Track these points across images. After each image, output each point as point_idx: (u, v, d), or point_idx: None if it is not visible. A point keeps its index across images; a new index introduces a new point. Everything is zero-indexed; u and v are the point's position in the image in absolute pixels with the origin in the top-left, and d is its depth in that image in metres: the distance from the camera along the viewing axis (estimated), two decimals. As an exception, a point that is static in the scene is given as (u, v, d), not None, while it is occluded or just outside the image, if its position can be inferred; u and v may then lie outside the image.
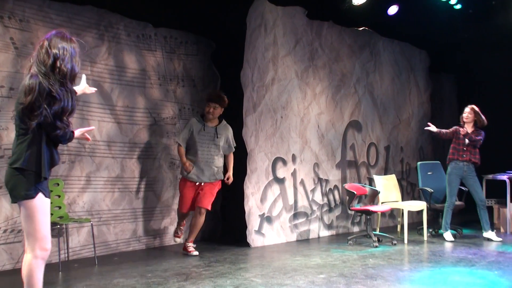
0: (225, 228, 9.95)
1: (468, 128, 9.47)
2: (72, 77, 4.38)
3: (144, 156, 8.85)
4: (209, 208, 8.32)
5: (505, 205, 10.57)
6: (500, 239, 9.48)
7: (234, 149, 8.53)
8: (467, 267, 7.17)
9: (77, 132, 4.78)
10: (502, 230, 10.57)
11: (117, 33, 8.56)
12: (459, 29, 12.28)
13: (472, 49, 13.24)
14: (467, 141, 9.39)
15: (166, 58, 9.21)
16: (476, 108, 9.50)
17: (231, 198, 9.55)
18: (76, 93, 4.67)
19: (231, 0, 9.24)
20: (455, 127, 9.60)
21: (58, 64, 4.26)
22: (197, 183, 8.28)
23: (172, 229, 9.12)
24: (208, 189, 8.31)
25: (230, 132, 8.47)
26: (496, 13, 11.55)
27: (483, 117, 9.44)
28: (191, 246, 8.33)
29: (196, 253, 8.24)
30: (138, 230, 8.76)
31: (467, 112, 9.49)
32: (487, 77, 14.02)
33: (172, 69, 9.28)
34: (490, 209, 11.39)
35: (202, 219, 8.31)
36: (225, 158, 8.52)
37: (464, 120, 9.50)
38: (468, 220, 11.35)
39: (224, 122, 8.45)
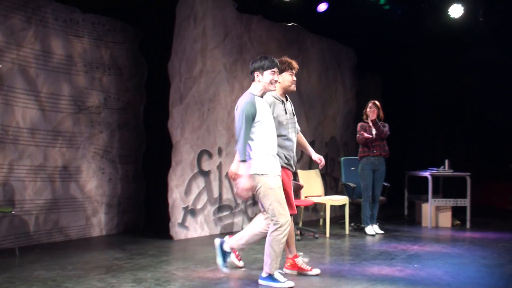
0: (148, 220, 9.87)
1: (372, 122, 9.71)
2: None
3: (68, 145, 8.67)
4: None
5: (426, 201, 10.86)
6: (383, 232, 9.85)
7: None
8: (387, 260, 7.32)
9: None
10: (423, 224, 10.86)
11: (44, 17, 8.35)
12: (387, 29, 12.51)
13: (399, 49, 13.52)
14: (374, 131, 9.61)
15: (93, 45, 9.04)
16: (378, 103, 9.76)
17: (155, 190, 9.48)
18: None
19: (160, -11, 9.16)
20: (360, 124, 9.82)
21: None
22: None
23: (95, 220, 8.97)
24: None
25: None
26: (424, 16, 11.81)
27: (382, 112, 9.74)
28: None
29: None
30: (60, 221, 8.58)
31: (373, 106, 9.72)
32: (412, 77, 14.36)
33: (99, 56, 9.12)
34: (412, 205, 11.72)
35: None
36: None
37: (369, 114, 9.70)
38: (389, 215, 11.60)
39: None
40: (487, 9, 11.10)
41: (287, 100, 6.71)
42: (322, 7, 11.11)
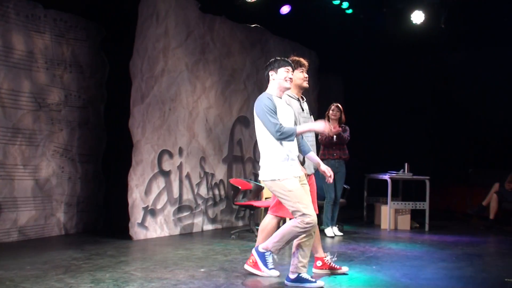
0: (108, 220, 9.77)
1: (333, 125, 9.76)
2: None
3: (28, 142, 8.53)
4: None
5: (386, 203, 10.96)
6: (342, 234, 9.94)
7: None
8: (345, 262, 7.33)
9: None
10: (382, 227, 10.95)
11: (6, 12, 8.19)
12: (349, 33, 12.61)
13: (361, 52, 13.63)
14: (335, 137, 9.69)
15: (55, 41, 8.91)
16: (341, 106, 9.84)
17: (115, 190, 9.40)
18: None
19: (123, -13, 9.09)
20: None
21: None
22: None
23: (54, 219, 8.85)
24: None
25: None
26: (386, 20, 11.93)
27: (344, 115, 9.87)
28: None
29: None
30: (19, 220, 8.43)
31: (335, 109, 9.78)
32: (373, 81, 14.48)
33: (60, 53, 9.00)
34: (371, 207, 11.82)
35: None
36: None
37: (332, 117, 9.76)
38: (349, 217, 11.68)
39: None
40: (448, 16, 11.25)
41: (303, 99, 6.69)
42: (285, 9, 11.16)
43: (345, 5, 11.33)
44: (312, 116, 6.81)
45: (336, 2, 11.15)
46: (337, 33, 12.37)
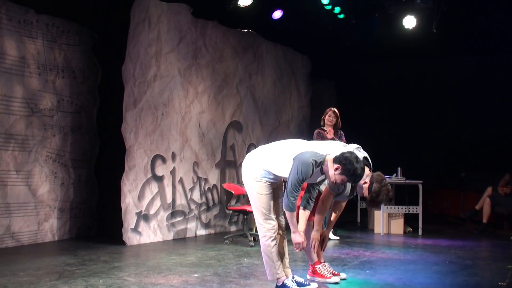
0: (101, 225, 9.73)
1: (329, 129, 9.77)
2: None
3: (20, 148, 8.49)
4: None
5: (379, 207, 10.94)
6: (338, 237, 9.99)
7: None
8: (339, 267, 7.34)
9: None
10: (376, 231, 10.95)
11: (-2, 17, 8.20)
12: (341, 38, 12.63)
13: (353, 57, 13.67)
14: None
15: (47, 46, 8.89)
16: (337, 111, 9.84)
17: (108, 195, 9.37)
18: None
19: (115, -8, 9.08)
20: (316, 131, 9.85)
21: None
22: None
23: (47, 225, 8.82)
24: None
25: None
26: (379, 26, 11.96)
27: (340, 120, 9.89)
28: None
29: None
30: (12, 226, 8.38)
31: (332, 115, 9.78)
32: (366, 85, 14.53)
33: (53, 58, 8.97)
34: (365, 212, 11.82)
35: None
36: None
37: (328, 122, 9.77)
38: (342, 221, 11.66)
39: None
40: (440, 21, 11.28)
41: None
42: (277, 14, 11.17)
43: (337, 10, 11.34)
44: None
45: (328, 7, 11.17)
46: (329, 38, 12.39)
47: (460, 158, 13.82)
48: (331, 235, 9.87)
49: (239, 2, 10.22)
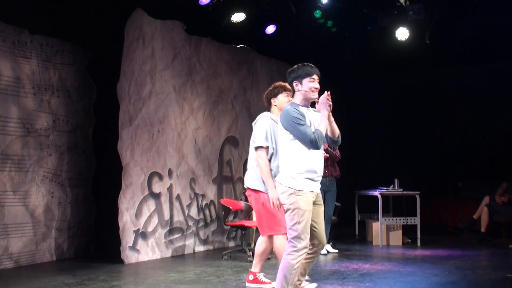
0: (99, 244, 9.70)
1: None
2: None
3: (17, 168, 8.48)
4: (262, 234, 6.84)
5: (377, 220, 10.96)
6: (337, 250, 9.94)
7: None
8: (339, 280, 7.33)
9: None
10: (374, 243, 10.94)
11: (-8, 38, 8.20)
12: (335, 51, 12.66)
13: (347, 70, 13.71)
14: (325, 154, 9.68)
15: (42, 66, 8.89)
16: None
17: (105, 214, 9.34)
18: None
19: (109, 11, 9.09)
20: None
21: None
22: None
23: (45, 245, 8.78)
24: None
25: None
26: (371, 38, 12.00)
27: None
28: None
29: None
30: (9, 247, 8.34)
31: None
32: (360, 98, 14.54)
33: (47, 78, 8.98)
34: (362, 224, 11.82)
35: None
36: None
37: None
38: (341, 234, 11.66)
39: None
40: (432, 32, 11.32)
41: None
42: (271, 29, 11.20)
43: (329, 23, 11.37)
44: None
45: (321, 21, 11.19)
46: (322, 51, 12.42)
47: (457, 167, 13.82)
48: (330, 248, 9.86)
49: (232, 18, 10.25)
